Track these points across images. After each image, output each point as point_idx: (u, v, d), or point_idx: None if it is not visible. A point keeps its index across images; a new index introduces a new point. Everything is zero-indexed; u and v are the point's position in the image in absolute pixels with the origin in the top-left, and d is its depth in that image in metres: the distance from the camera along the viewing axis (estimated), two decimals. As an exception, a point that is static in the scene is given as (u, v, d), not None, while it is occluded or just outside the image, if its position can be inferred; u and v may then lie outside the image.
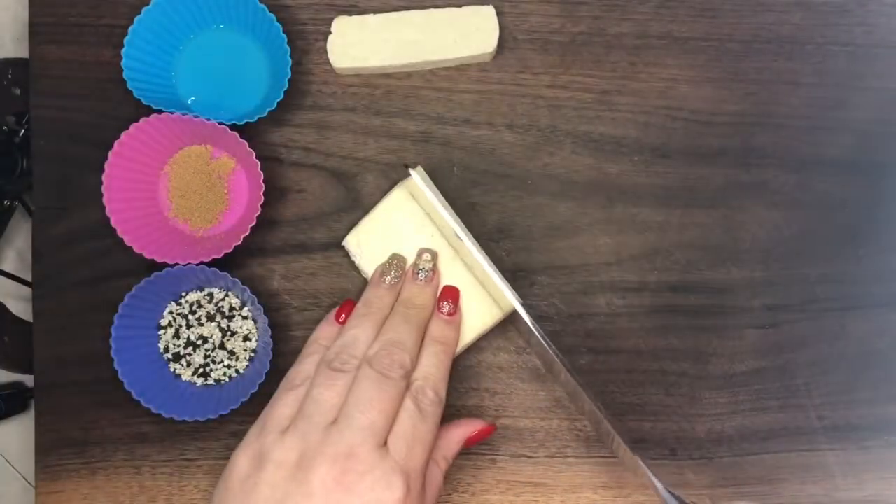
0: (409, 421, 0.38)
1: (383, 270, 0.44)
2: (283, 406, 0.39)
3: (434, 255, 0.44)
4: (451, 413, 0.47)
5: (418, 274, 0.43)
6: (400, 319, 0.41)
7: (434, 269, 0.44)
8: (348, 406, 0.38)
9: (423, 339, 0.42)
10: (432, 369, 0.40)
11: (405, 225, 0.45)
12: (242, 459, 0.37)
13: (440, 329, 0.42)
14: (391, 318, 0.42)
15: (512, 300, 0.43)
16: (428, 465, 0.39)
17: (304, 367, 0.41)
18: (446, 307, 0.43)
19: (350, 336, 0.41)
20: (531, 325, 0.43)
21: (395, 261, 0.44)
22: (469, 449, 0.47)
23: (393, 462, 0.37)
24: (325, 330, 0.43)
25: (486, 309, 0.44)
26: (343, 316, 0.43)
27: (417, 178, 0.43)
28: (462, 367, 0.47)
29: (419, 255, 0.44)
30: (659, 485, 0.41)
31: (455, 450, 0.43)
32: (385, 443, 0.37)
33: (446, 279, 0.44)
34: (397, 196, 0.45)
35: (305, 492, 0.35)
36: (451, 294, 0.44)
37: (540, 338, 0.43)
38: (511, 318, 0.45)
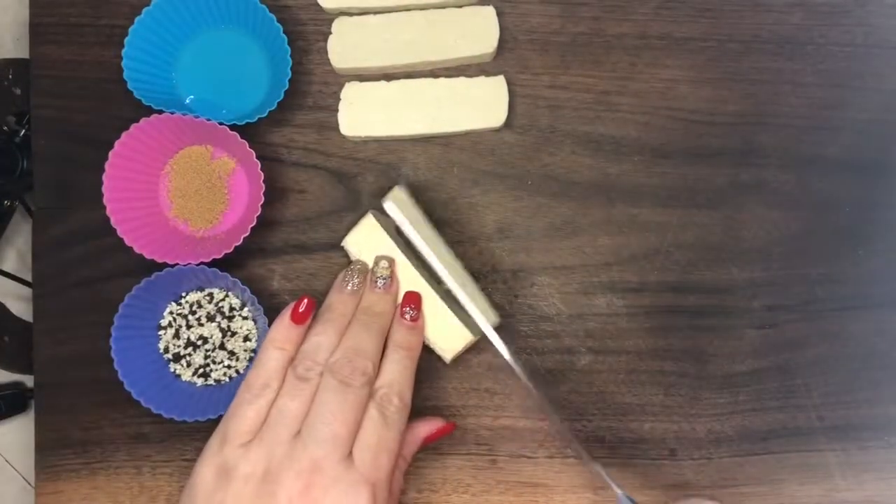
0: (373, 429, 0.38)
1: (345, 276, 0.43)
2: (244, 416, 0.38)
3: (391, 262, 0.43)
4: (451, 414, 0.47)
5: (376, 283, 0.43)
6: (360, 327, 0.41)
7: (392, 277, 0.43)
8: (311, 417, 0.38)
9: (384, 346, 0.41)
10: (396, 375, 0.40)
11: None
12: (207, 472, 0.37)
13: (403, 335, 0.42)
14: (351, 325, 0.41)
15: (483, 327, 0.44)
16: (393, 472, 0.40)
17: (262, 372, 0.40)
18: (409, 313, 0.43)
19: (313, 343, 0.40)
20: (500, 349, 0.43)
21: (358, 266, 0.43)
22: (466, 451, 0.47)
23: (357, 474, 0.37)
24: (281, 332, 0.41)
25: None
26: (298, 314, 0.41)
27: (392, 207, 0.43)
28: (462, 367, 0.48)
29: (376, 262, 0.43)
30: (619, 491, 0.42)
31: (414, 449, 0.43)
32: (350, 453, 0.38)
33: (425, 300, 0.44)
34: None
35: None
36: (413, 299, 0.43)
37: (509, 360, 0.43)
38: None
